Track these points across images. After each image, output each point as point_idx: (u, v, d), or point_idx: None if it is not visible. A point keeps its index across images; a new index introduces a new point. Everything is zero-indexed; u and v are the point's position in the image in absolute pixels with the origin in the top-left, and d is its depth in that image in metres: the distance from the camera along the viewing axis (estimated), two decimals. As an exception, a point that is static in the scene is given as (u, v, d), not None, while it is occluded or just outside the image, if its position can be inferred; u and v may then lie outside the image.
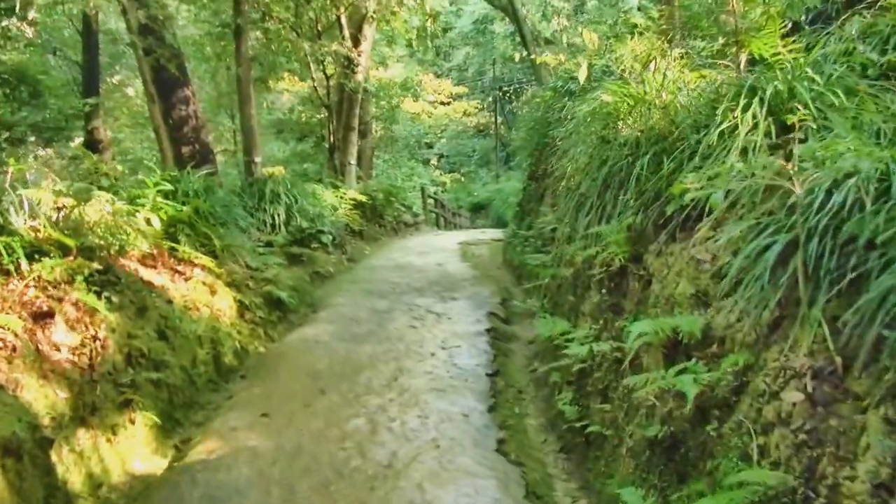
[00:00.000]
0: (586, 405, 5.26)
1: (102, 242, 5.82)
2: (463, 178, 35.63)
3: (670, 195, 4.89)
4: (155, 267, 6.66)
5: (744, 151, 4.36)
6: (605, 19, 16.00)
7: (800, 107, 4.43)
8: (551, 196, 10.48)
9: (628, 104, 6.23)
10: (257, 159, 13.43)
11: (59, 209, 6.02)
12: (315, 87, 17.96)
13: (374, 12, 17.52)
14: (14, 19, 15.11)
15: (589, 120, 6.81)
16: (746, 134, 4.41)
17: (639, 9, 14.64)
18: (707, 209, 4.31)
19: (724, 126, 4.57)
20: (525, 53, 24.21)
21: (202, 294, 7.02)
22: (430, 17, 18.19)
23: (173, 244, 7.09)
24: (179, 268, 7.08)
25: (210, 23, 17.53)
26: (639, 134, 5.82)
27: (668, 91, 5.97)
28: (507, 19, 28.98)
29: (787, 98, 4.61)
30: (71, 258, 5.32)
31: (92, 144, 15.35)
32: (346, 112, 18.45)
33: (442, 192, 29.52)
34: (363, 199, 16.28)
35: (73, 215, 6.00)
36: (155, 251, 6.82)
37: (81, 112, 16.20)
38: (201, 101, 21.38)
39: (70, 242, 5.33)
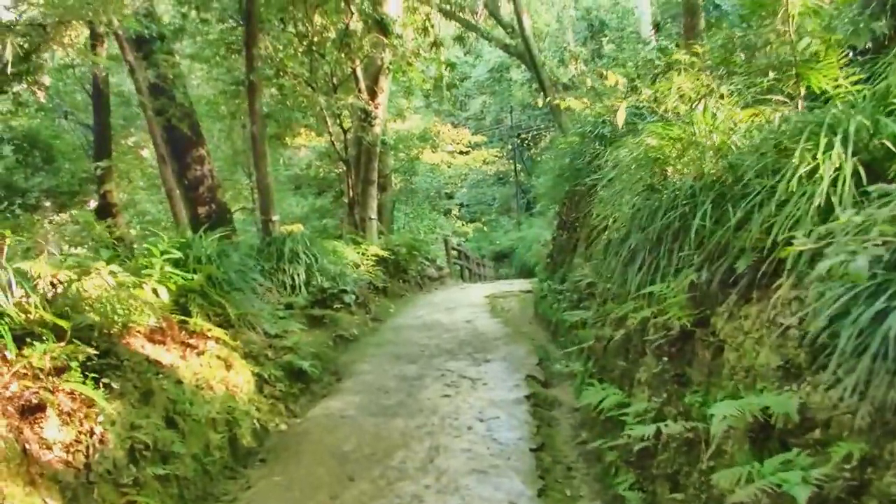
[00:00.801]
0: (652, 491, 4.59)
1: (103, 320, 5.27)
2: (485, 227, 35.10)
3: (741, 249, 4.28)
4: (164, 342, 6.10)
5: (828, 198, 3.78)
6: (625, 62, 15.52)
7: (888, 143, 3.85)
8: (585, 246, 9.90)
9: (677, 148, 5.66)
10: (274, 218, 12.95)
11: (54, 285, 5.49)
12: (332, 142, 17.58)
13: (390, 63, 17.19)
14: (24, 84, 14.84)
15: (634, 167, 6.23)
16: (830, 177, 3.82)
17: (660, 50, 14.18)
18: (787, 265, 3.72)
19: (801, 169, 3.97)
20: (544, 99, 23.84)
21: (216, 370, 6.44)
22: (447, 66, 17.81)
23: (184, 317, 6.54)
24: (191, 341, 6.52)
25: (224, 80, 17.27)
26: (692, 181, 5.23)
27: (720, 132, 5.40)
28: (524, 66, 28.71)
29: (872, 134, 4.02)
30: (64, 342, 4.76)
31: (105, 208, 14.97)
32: (364, 165, 18.04)
33: (464, 241, 28.97)
34: (385, 254, 15.76)
35: (71, 291, 5.47)
36: (164, 324, 6.27)
37: (95, 176, 15.84)
38: (217, 160, 21.11)
39: (64, 324, 4.77)
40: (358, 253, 15.08)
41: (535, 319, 12.04)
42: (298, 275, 11.99)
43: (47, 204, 18.89)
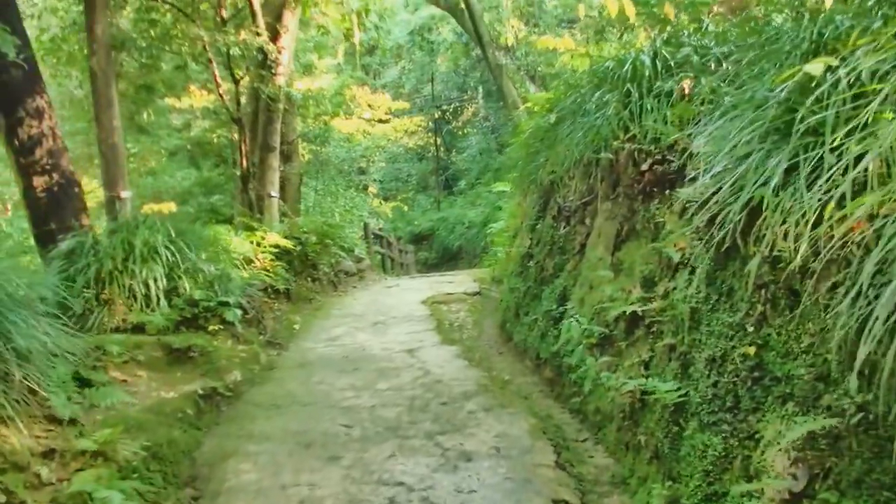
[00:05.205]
0: None
1: None
2: (406, 207, 31.18)
3: None
4: None
5: None
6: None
7: None
8: (608, 250, 6.19)
9: None
10: (124, 194, 8.85)
11: None
12: (220, 95, 13.35)
13: (298, -7, 13.09)
14: None
15: None
16: None
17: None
18: None
19: None
20: (484, 57, 20.11)
21: None
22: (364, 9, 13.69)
23: None
24: None
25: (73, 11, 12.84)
26: None
27: None
28: (457, 23, 24.83)
29: None
30: None
31: None
32: (263, 127, 13.86)
33: (383, 223, 25.01)
34: (289, 244, 11.75)
35: None
36: None
37: None
38: (71, 119, 16.61)
39: None
40: (252, 243, 11.07)
41: (507, 349, 8.31)
42: (155, 279, 7.96)
43: None
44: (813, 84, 3.27)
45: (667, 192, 5.35)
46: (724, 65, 5.84)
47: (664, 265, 4.99)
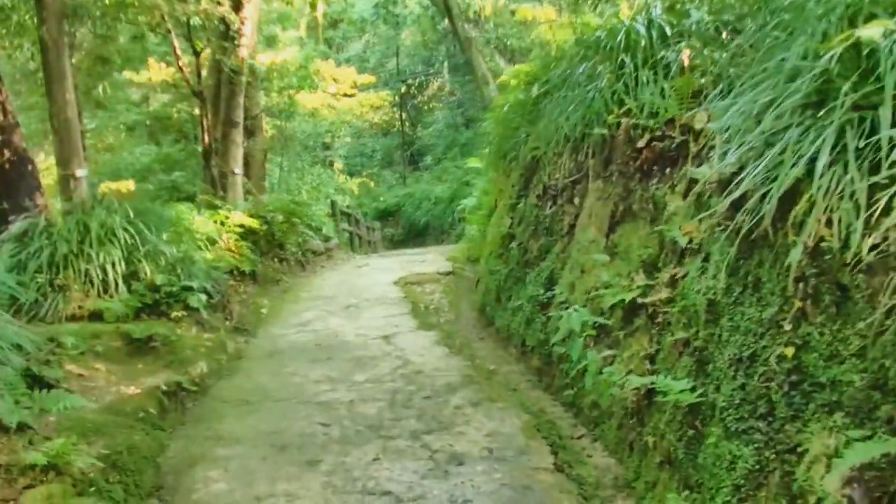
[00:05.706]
0: None
1: None
2: (373, 183, 30.60)
3: None
4: None
5: None
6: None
7: None
8: (601, 232, 5.82)
9: None
10: (79, 172, 8.30)
11: None
12: (180, 67, 12.74)
13: (262, -39, 12.48)
14: None
15: None
16: None
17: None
18: None
19: None
20: (453, 30, 19.60)
21: None
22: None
23: None
24: None
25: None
26: None
27: None
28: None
29: None
30: None
31: None
32: (225, 101, 13.28)
33: (349, 201, 24.45)
34: (255, 223, 11.25)
35: None
36: None
37: None
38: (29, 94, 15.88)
39: None
40: (216, 222, 10.56)
41: (489, 334, 7.95)
42: (114, 263, 7.46)
43: None
44: (865, 52, 2.89)
45: (667, 170, 4.99)
46: (724, 33, 5.49)
47: (668, 250, 4.63)
